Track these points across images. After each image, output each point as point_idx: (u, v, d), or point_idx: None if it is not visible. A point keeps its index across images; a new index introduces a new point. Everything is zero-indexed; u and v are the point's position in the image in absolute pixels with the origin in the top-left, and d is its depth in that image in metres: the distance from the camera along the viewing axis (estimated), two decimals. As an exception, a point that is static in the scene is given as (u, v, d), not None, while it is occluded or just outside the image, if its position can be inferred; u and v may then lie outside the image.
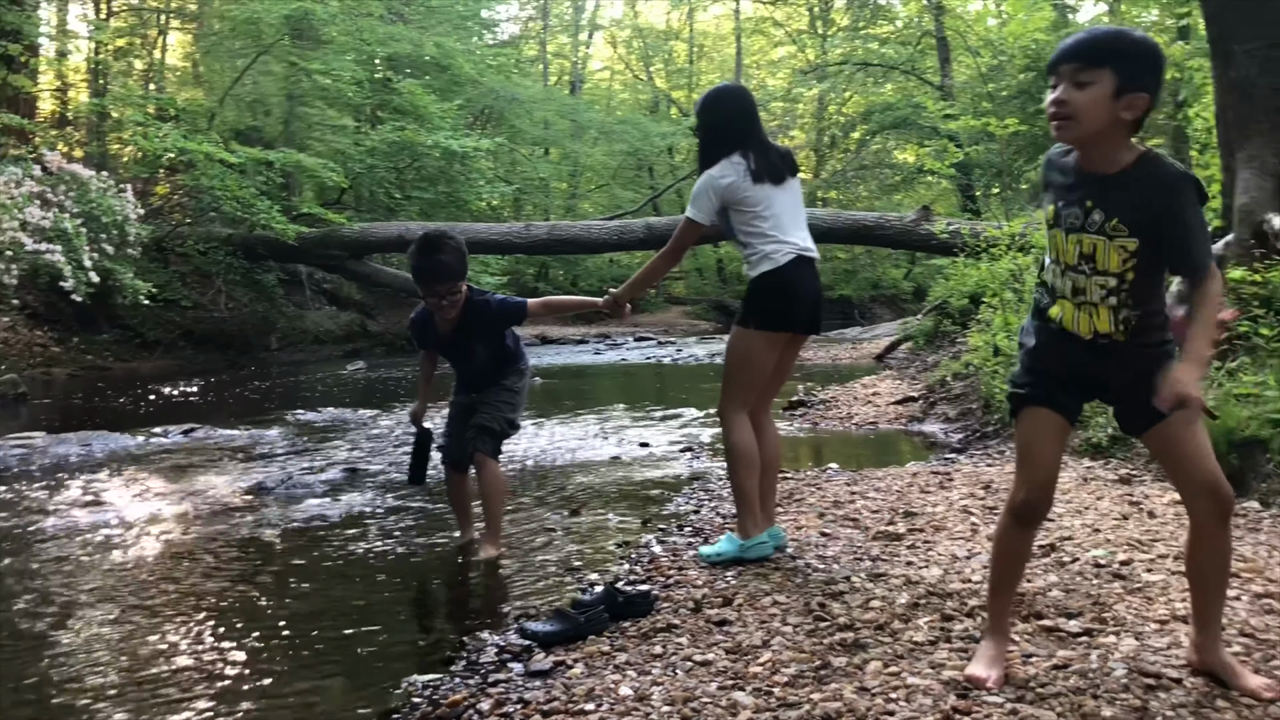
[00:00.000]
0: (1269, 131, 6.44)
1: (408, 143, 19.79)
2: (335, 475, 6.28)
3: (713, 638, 3.05)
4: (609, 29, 43.17)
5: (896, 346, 13.82)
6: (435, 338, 4.42)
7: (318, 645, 3.31)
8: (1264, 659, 2.66)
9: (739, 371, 3.96)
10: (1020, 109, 21.86)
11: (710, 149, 3.96)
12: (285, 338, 17.48)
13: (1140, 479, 5.08)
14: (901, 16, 31.07)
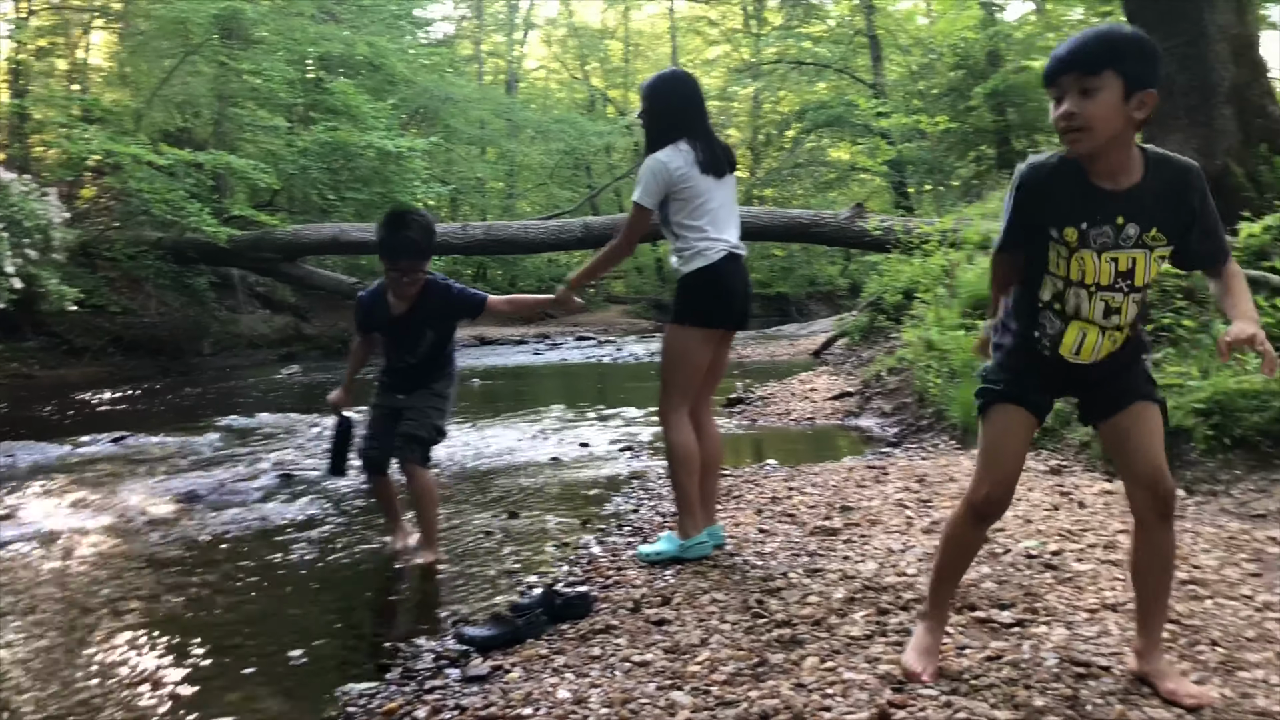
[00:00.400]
0: (1188, 127, 6.62)
1: (341, 143, 19.53)
2: (269, 481, 6.18)
3: (651, 638, 3.05)
4: (544, 28, 43.05)
5: (833, 343, 13.93)
6: (384, 319, 4.29)
7: (251, 656, 3.25)
8: (1189, 644, 2.72)
9: (677, 369, 3.96)
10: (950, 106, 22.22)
11: (659, 133, 3.93)
12: (218, 342, 17.16)
13: (1070, 470, 5.18)
14: (834, 15, 31.38)
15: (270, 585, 4.07)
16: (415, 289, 4.20)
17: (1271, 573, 3.35)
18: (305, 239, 17.28)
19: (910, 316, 9.28)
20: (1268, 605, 3.02)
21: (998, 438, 2.53)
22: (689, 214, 3.86)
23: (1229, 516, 4.14)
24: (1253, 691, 2.41)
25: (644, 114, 4.00)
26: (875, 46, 27.54)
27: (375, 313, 4.33)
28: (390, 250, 4.15)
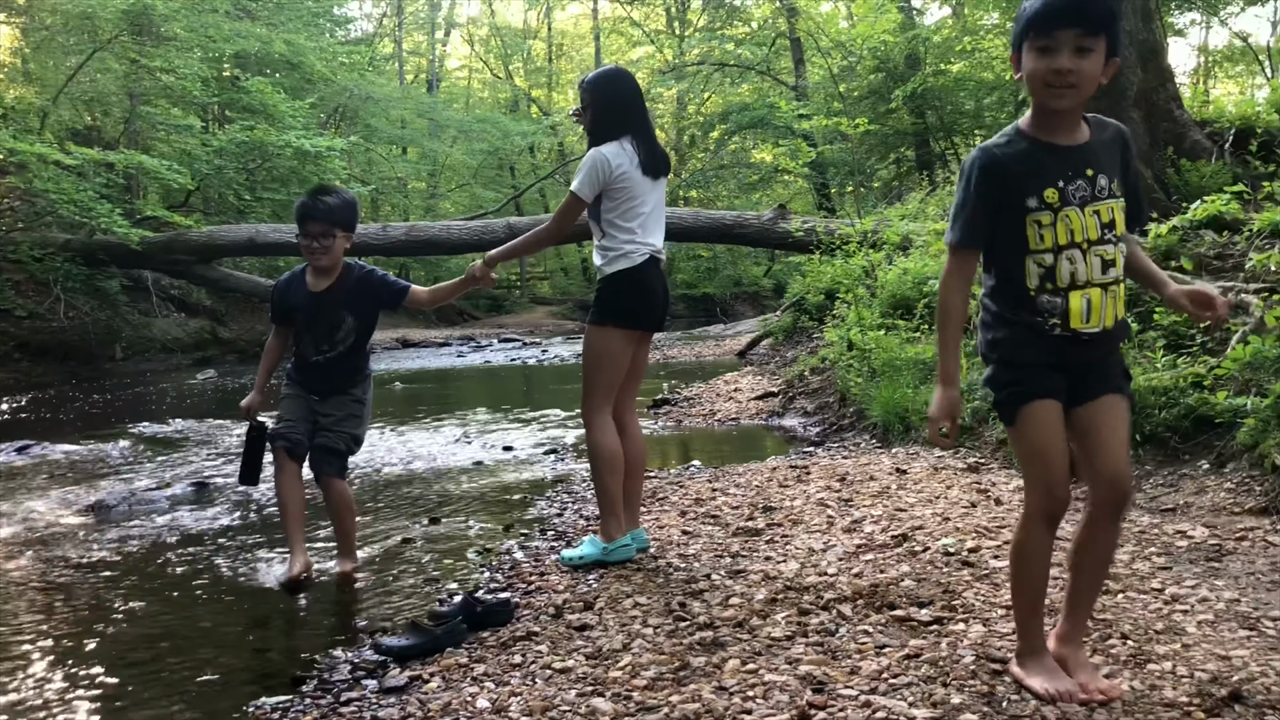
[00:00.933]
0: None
1: (258, 143, 19.16)
2: (182, 490, 6.01)
3: (573, 643, 3.02)
4: (466, 27, 42.73)
5: (757, 343, 14.02)
6: (300, 301, 4.11)
7: (160, 672, 3.15)
8: (1101, 638, 2.77)
9: (599, 371, 3.94)
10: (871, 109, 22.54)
11: (603, 128, 3.91)
12: (131, 347, 16.69)
13: (988, 467, 5.26)
14: (756, 18, 31.62)
15: (181, 597, 3.95)
16: (327, 259, 4.05)
17: (1180, 566, 3.43)
18: (221, 240, 16.93)
19: (832, 317, 9.37)
20: (1176, 598, 3.08)
21: (1041, 437, 2.38)
22: (622, 214, 3.86)
23: (1140, 511, 4.23)
24: (1160, 683, 2.46)
25: (587, 108, 3.97)
26: (797, 49, 27.81)
27: (292, 293, 4.16)
28: (303, 214, 4.04)
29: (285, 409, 4.18)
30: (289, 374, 4.26)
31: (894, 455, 5.73)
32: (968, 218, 2.39)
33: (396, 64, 37.93)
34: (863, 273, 9.44)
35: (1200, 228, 6.06)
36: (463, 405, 10.07)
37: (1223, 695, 2.36)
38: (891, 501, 4.51)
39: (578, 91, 4.06)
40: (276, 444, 4.10)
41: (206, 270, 17.62)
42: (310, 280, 4.14)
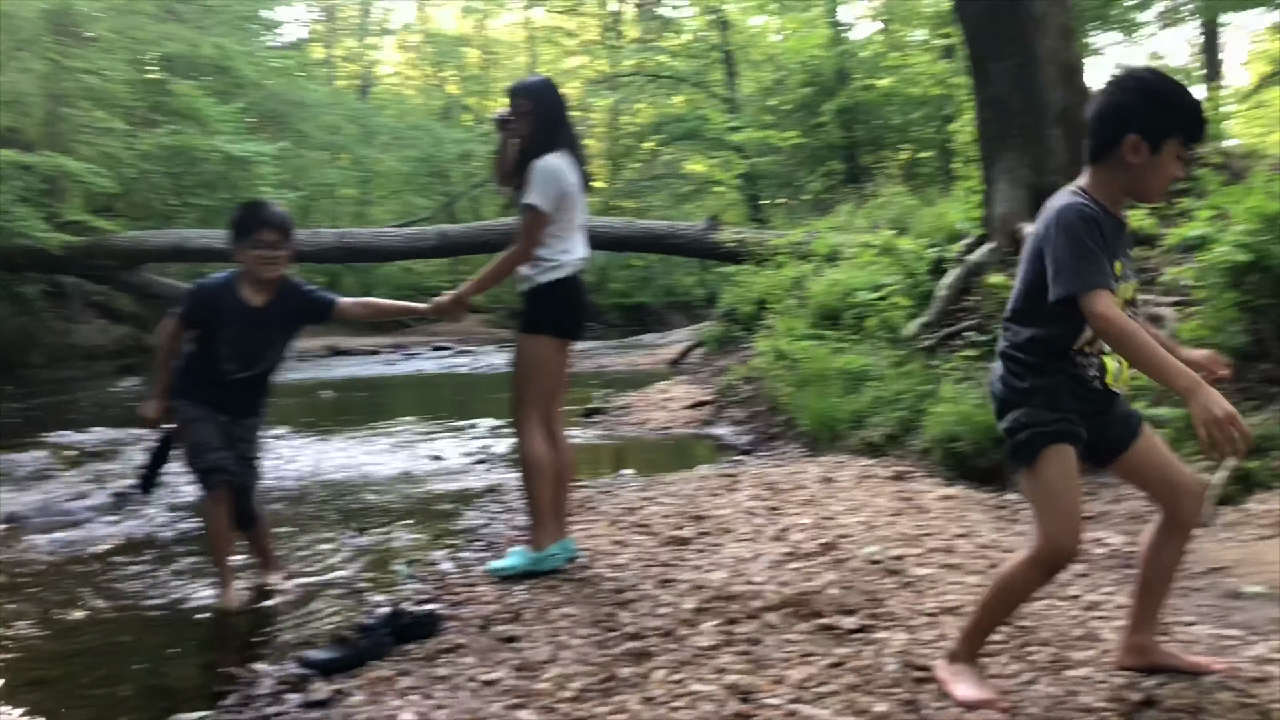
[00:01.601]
0: (1022, 145, 6.92)
1: (185, 147, 18.78)
2: (101, 501, 5.86)
3: (500, 655, 3.00)
4: (399, 33, 42.36)
5: (690, 352, 14.07)
6: (233, 315, 3.81)
7: (76, 689, 3.07)
8: (1020, 645, 2.82)
9: (532, 379, 3.93)
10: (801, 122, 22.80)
11: (546, 136, 3.90)
12: (51, 354, 16.25)
13: (913, 475, 5.34)
14: (690, 30, 31.81)
15: (98, 612, 3.85)
16: (279, 272, 3.86)
17: (1098, 573, 3.51)
18: (146, 246, 16.59)
19: (763, 327, 9.45)
20: (1094, 605, 3.16)
21: (1062, 480, 2.37)
22: (561, 226, 3.88)
23: (1059, 519, 4.31)
24: (1078, 689, 2.51)
25: (525, 115, 3.93)
26: (730, 62, 28.05)
27: (222, 303, 3.83)
28: (253, 222, 3.83)
29: (207, 434, 3.83)
30: (186, 390, 3.88)
31: (822, 464, 5.79)
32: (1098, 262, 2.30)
33: (328, 69, 37.47)
34: (792, 283, 9.54)
35: (1118, 242, 6.22)
36: (392, 414, 9.95)
37: (1137, 700, 2.42)
38: (819, 510, 4.56)
39: (510, 96, 4.01)
40: (217, 477, 3.79)
41: (131, 276, 17.24)
42: (247, 293, 3.87)
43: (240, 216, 3.91)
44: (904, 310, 7.07)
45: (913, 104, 22.74)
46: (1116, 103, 2.43)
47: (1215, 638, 2.84)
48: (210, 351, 3.85)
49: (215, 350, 3.84)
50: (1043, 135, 6.87)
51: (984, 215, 7.32)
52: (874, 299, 7.47)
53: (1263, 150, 8.32)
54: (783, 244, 10.41)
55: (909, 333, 6.79)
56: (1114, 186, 2.43)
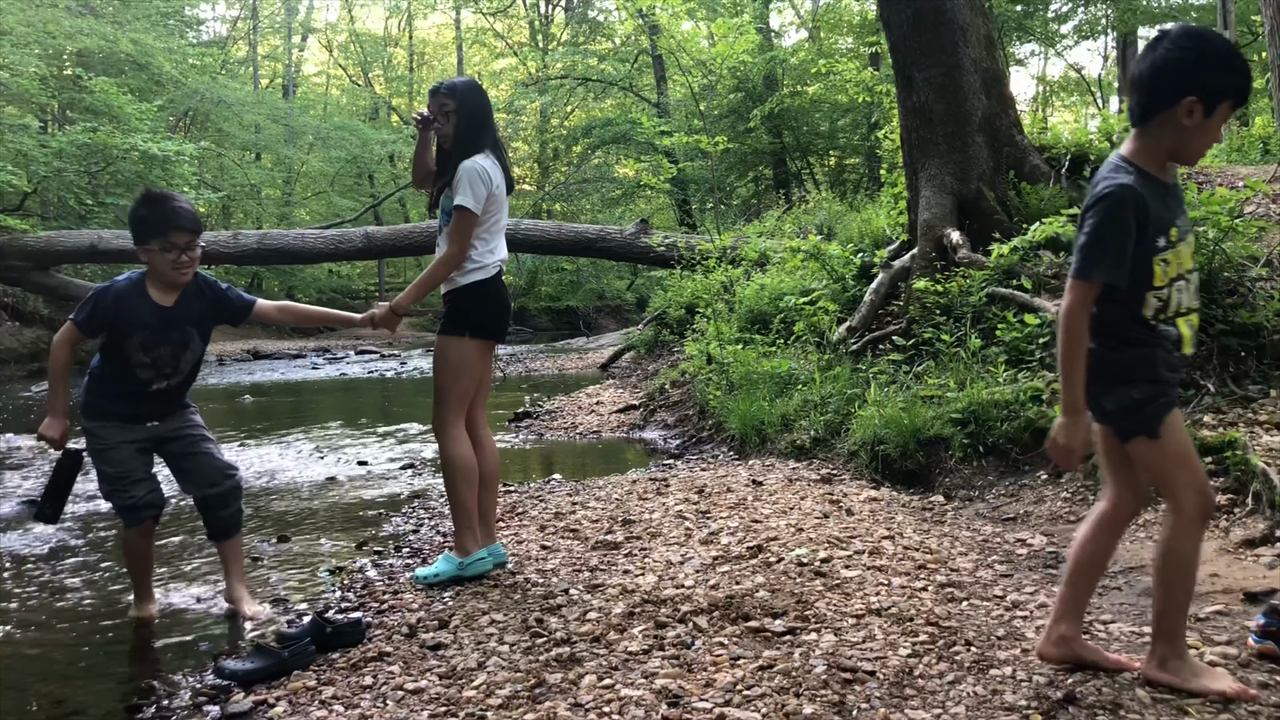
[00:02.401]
0: (946, 153, 7.02)
1: (101, 145, 18.29)
2: (11, 510, 5.68)
3: (427, 663, 2.95)
4: (324, 32, 41.76)
5: (620, 356, 14.08)
6: (143, 318, 3.52)
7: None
8: (946, 645, 2.85)
9: (455, 381, 3.88)
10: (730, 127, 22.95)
11: (472, 136, 3.86)
12: (-43, 358, 15.71)
13: (840, 478, 5.38)
14: (619, 34, 31.85)
15: (8, 623, 3.71)
16: (191, 273, 3.57)
17: (1020, 573, 3.57)
18: (60, 246, 16.10)
19: (692, 331, 9.48)
20: (1017, 604, 3.20)
21: (1184, 442, 2.46)
22: (487, 228, 3.86)
23: (983, 520, 4.39)
24: (1002, 688, 2.54)
25: (450, 114, 3.88)
26: (659, 66, 28.12)
27: (130, 307, 3.52)
28: (163, 220, 3.48)
29: (125, 464, 3.58)
30: (99, 408, 3.61)
31: (751, 467, 5.82)
32: (1116, 252, 2.35)
33: (251, 68, 36.81)
34: (722, 288, 9.58)
35: (1039, 248, 6.35)
36: (317, 419, 9.79)
37: (1058, 698, 2.45)
38: (748, 513, 4.57)
39: (433, 96, 3.95)
40: (145, 514, 3.59)
41: (44, 277, 16.71)
42: (154, 294, 3.57)
43: (146, 215, 3.54)
44: (831, 315, 7.13)
45: (840, 111, 23.04)
46: (1174, 61, 2.33)
47: (1134, 635, 2.90)
48: (122, 361, 3.57)
49: (127, 359, 3.56)
50: (967, 143, 6.98)
51: (909, 221, 7.41)
52: (802, 304, 7.53)
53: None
54: (712, 249, 10.44)
55: (836, 337, 6.86)
56: (1160, 150, 2.42)
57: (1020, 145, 7.32)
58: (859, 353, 6.63)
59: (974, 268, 6.32)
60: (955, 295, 6.23)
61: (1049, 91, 29.68)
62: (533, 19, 37.56)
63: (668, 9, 23.50)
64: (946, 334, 5.91)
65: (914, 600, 3.23)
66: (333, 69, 43.07)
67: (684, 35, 25.44)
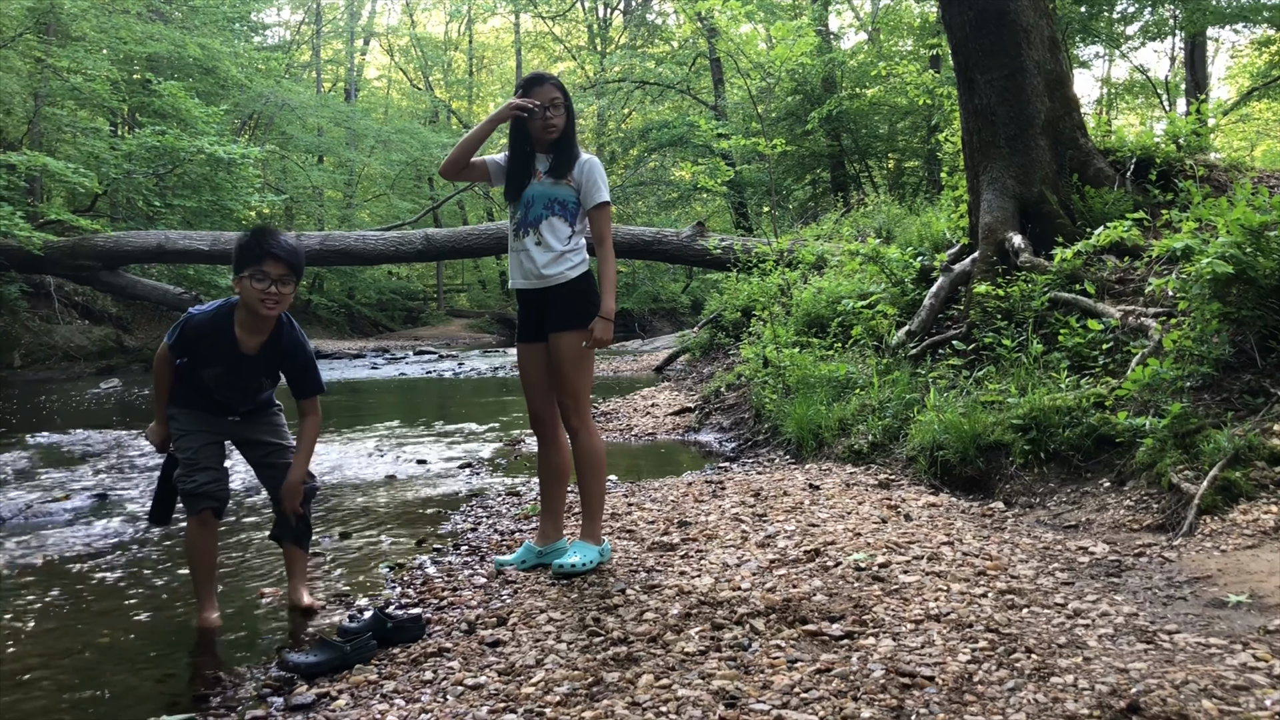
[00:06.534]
0: (1008, 156, 6.94)
1: (169, 148, 18.70)
2: (82, 503, 5.82)
3: (485, 659, 2.99)
4: (385, 36, 42.30)
5: (675, 358, 14.10)
6: (222, 359, 3.54)
7: (58, 690, 3.03)
8: (1006, 652, 2.82)
9: (588, 374, 3.96)
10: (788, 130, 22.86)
11: (575, 135, 3.93)
12: (30, 354, 16.14)
13: (898, 483, 5.35)
14: (677, 37, 31.88)
15: (80, 613, 3.82)
16: (282, 308, 3.51)
17: (1082, 581, 3.52)
18: (128, 246, 16.50)
19: (748, 334, 9.46)
20: (1079, 612, 3.16)
21: None
22: (586, 222, 3.95)
23: (1044, 528, 4.33)
24: (1063, 696, 2.52)
25: (563, 109, 3.89)
26: (717, 69, 28.10)
27: (215, 342, 3.53)
28: (259, 251, 3.43)
29: (201, 454, 3.61)
30: (186, 397, 3.66)
31: (807, 471, 5.80)
32: None
33: (314, 71, 37.40)
34: (778, 291, 9.55)
35: (1103, 253, 6.26)
36: (376, 418, 9.93)
37: (1121, 707, 2.42)
38: (804, 517, 4.56)
39: (540, 83, 3.90)
40: (203, 504, 3.57)
41: (112, 277, 17.14)
42: (240, 333, 3.54)
43: (246, 242, 3.51)
44: (890, 319, 7.09)
45: (899, 113, 22.85)
46: None
47: (1199, 646, 2.85)
48: (199, 379, 3.62)
49: (207, 386, 3.62)
50: (1029, 146, 6.90)
51: (970, 224, 7.34)
52: (860, 307, 7.49)
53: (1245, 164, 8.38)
54: (769, 251, 10.42)
55: (895, 341, 6.81)
56: None
57: (1084, 148, 7.22)
58: (918, 357, 6.58)
59: (1036, 272, 6.24)
60: (1017, 300, 6.15)
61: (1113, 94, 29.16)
62: (591, 23, 37.70)
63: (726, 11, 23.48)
64: (1007, 339, 5.85)
65: (973, 606, 3.20)
66: (394, 73, 43.64)
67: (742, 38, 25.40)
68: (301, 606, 3.70)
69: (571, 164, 3.89)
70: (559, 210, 3.88)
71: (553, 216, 3.87)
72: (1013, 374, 5.61)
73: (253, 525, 5.14)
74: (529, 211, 3.90)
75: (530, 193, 3.91)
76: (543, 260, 3.86)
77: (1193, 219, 5.81)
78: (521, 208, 3.93)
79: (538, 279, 3.88)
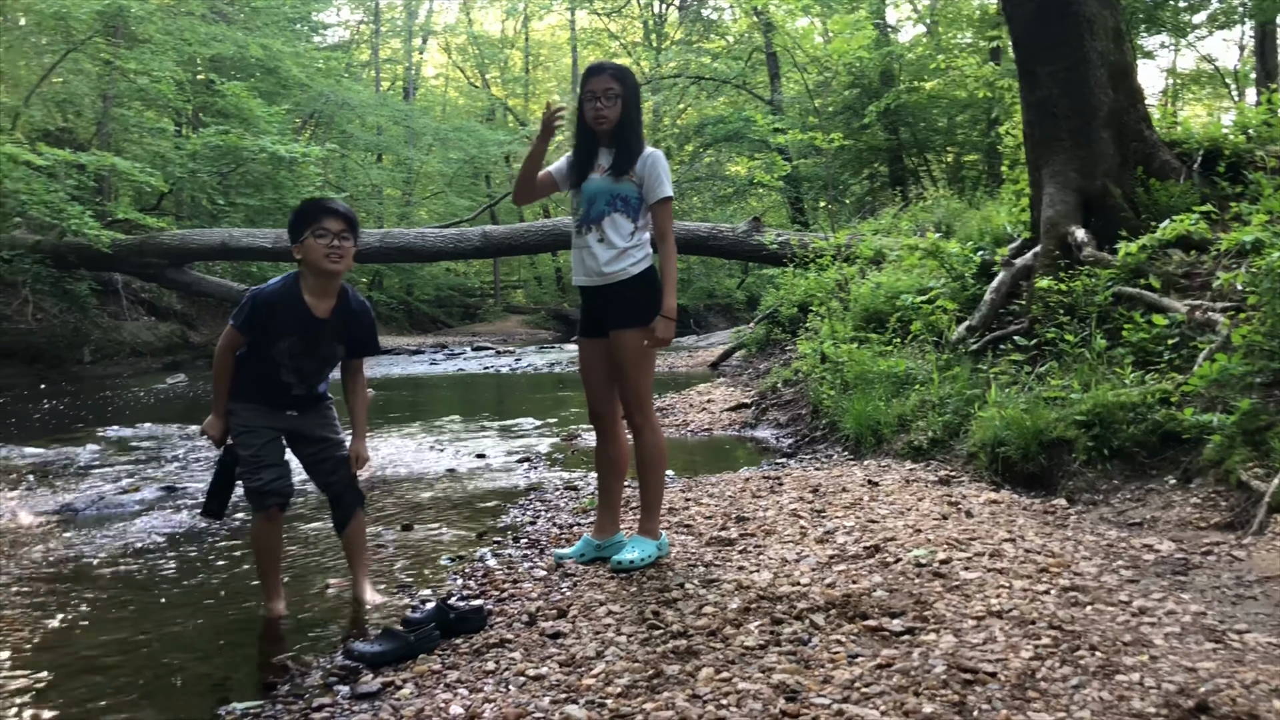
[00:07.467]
0: (1070, 148, 6.84)
1: (232, 147, 19.04)
2: (151, 494, 5.97)
3: (546, 651, 3.02)
4: (443, 35, 42.66)
5: (730, 354, 14.06)
6: (297, 325, 3.56)
7: (128, 677, 3.12)
8: (1070, 649, 2.80)
9: (650, 372, 3.99)
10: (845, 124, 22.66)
11: (638, 123, 3.88)
12: (99, 350, 16.52)
13: (958, 480, 5.30)
14: (732, 32, 31.77)
15: (150, 602, 3.92)
16: (346, 266, 3.58)
17: (1148, 579, 3.47)
18: (193, 244, 16.82)
19: (805, 329, 9.42)
20: (1144, 610, 3.12)
21: None
22: (649, 217, 3.92)
23: (1108, 525, 4.28)
24: (1129, 694, 2.49)
25: (617, 99, 3.84)
26: (773, 64, 27.94)
27: (286, 310, 3.56)
28: (317, 210, 3.56)
29: (265, 451, 3.64)
30: (246, 392, 3.66)
31: (866, 467, 5.77)
32: None
33: (373, 70, 37.82)
34: (836, 286, 9.50)
35: (1168, 246, 6.14)
36: (436, 413, 10.04)
37: (1190, 707, 2.39)
38: (864, 513, 4.54)
39: (597, 74, 3.88)
40: (270, 501, 3.62)
41: (178, 274, 17.50)
42: (310, 299, 3.60)
43: (300, 209, 3.65)
44: (950, 314, 7.01)
45: (958, 106, 22.56)
46: None
47: (1271, 646, 2.80)
48: (268, 360, 3.61)
49: (274, 360, 3.61)
50: (1092, 138, 6.78)
51: (1031, 218, 7.24)
52: (919, 302, 7.42)
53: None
54: (826, 246, 10.36)
55: (955, 336, 6.74)
56: None
57: (1149, 140, 7.08)
58: (978, 353, 6.51)
59: (1100, 266, 6.15)
60: (1079, 294, 6.06)
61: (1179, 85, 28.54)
62: (646, 19, 37.70)
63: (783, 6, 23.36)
64: (1070, 334, 5.76)
65: (1036, 603, 3.18)
66: (451, 71, 43.99)
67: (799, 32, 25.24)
68: (364, 599, 3.76)
69: (633, 160, 3.85)
70: (621, 206, 3.86)
71: (615, 213, 3.85)
72: (1075, 370, 5.53)
73: (313, 517, 5.23)
74: (591, 208, 3.89)
75: (592, 188, 3.90)
76: (605, 257, 3.85)
77: (1263, 211, 5.68)
78: (584, 204, 3.91)
79: (600, 276, 3.88)
